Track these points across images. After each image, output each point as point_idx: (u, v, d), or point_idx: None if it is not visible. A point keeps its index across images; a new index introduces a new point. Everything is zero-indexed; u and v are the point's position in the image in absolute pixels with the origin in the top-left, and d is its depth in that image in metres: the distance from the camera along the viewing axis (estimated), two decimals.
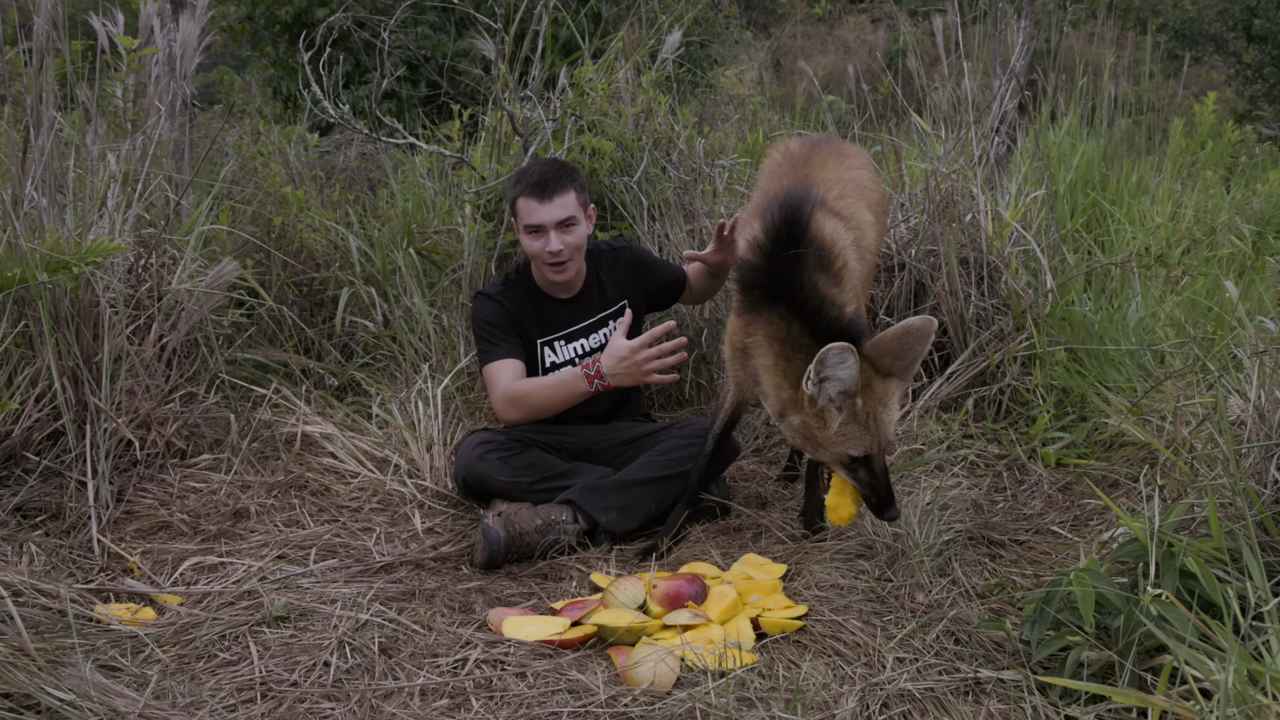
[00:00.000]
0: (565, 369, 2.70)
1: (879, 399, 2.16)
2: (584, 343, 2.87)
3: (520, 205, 2.70)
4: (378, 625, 2.05)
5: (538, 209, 2.66)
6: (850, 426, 2.15)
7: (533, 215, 2.66)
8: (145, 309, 2.94)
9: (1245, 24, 7.81)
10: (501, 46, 3.61)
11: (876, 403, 2.15)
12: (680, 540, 2.58)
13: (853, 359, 2.06)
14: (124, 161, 3.04)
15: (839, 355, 2.06)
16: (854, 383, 2.10)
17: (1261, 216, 4.94)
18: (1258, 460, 1.99)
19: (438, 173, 4.28)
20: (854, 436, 2.15)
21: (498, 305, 2.80)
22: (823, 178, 2.49)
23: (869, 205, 2.70)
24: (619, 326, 2.67)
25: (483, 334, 2.80)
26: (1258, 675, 1.52)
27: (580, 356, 2.86)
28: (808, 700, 1.75)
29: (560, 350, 2.85)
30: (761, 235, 2.27)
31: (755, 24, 12.93)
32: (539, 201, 2.66)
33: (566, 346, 2.85)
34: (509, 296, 2.82)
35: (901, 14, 9.61)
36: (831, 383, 2.11)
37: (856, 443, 2.15)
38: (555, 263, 2.70)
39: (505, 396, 2.70)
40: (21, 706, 1.63)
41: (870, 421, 2.15)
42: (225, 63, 8.78)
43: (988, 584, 2.18)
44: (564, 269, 2.72)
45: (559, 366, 2.83)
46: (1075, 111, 4.68)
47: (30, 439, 2.57)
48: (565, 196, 2.67)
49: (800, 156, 2.66)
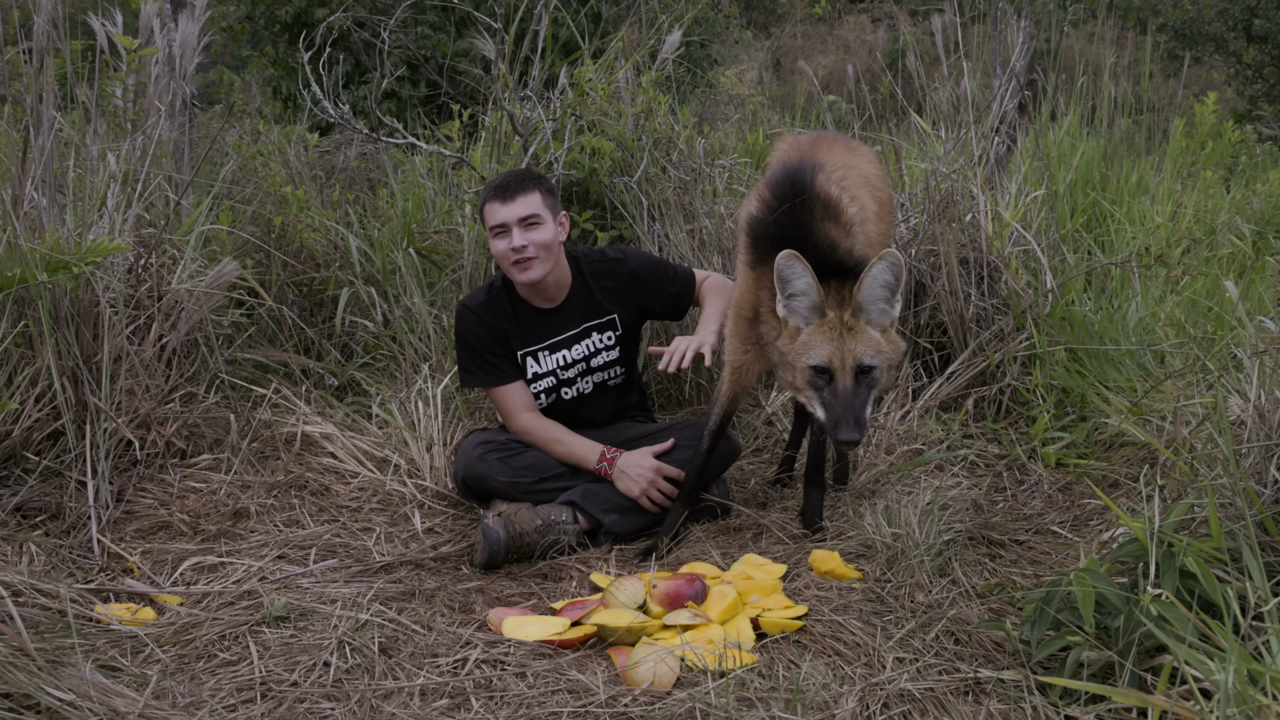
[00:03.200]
0: (587, 445, 2.68)
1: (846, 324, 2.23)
2: (567, 353, 2.80)
3: (486, 211, 2.69)
4: (378, 625, 2.05)
5: (500, 209, 2.66)
6: (814, 336, 2.24)
7: (495, 215, 2.66)
8: (145, 309, 2.94)
9: (1245, 24, 7.81)
10: (501, 46, 3.61)
11: (853, 318, 2.23)
12: (680, 540, 2.58)
13: (801, 265, 2.18)
14: (124, 161, 3.04)
15: (787, 261, 2.19)
16: (815, 292, 2.22)
17: (1261, 216, 4.94)
18: (1258, 460, 1.99)
19: (438, 173, 4.28)
20: (815, 345, 2.23)
21: (478, 320, 2.74)
22: (828, 160, 2.51)
23: (873, 195, 2.73)
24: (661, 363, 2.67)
25: (473, 353, 2.75)
26: (1258, 675, 1.52)
27: (563, 367, 2.80)
28: (808, 700, 1.75)
29: (544, 360, 2.79)
30: (768, 192, 2.36)
31: (755, 24, 12.93)
32: (501, 203, 2.66)
33: (550, 356, 2.79)
34: (490, 309, 2.76)
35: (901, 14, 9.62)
36: (797, 298, 2.24)
37: (818, 351, 2.23)
38: (519, 259, 2.66)
39: (524, 430, 2.74)
40: (21, 706, 1.63)
41: (836, 336, 2.22)
42: (224, 63, 8.78)
43: (988, 584, 2.18)
44: (529, 266, 2.66)
45: (541, 377, 2.78)
46: (1075, 111, 4.68)
47: (30, 439, 2.57)
48: (529, 196, 2.66)
49: (807, 143, 2.70)
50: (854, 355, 2.21)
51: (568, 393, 2.82)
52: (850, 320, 2.23)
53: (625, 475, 2.62)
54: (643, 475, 2.61)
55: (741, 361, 2.53)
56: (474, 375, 2.78)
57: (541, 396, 2.80)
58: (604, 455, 2.65)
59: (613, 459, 2.64)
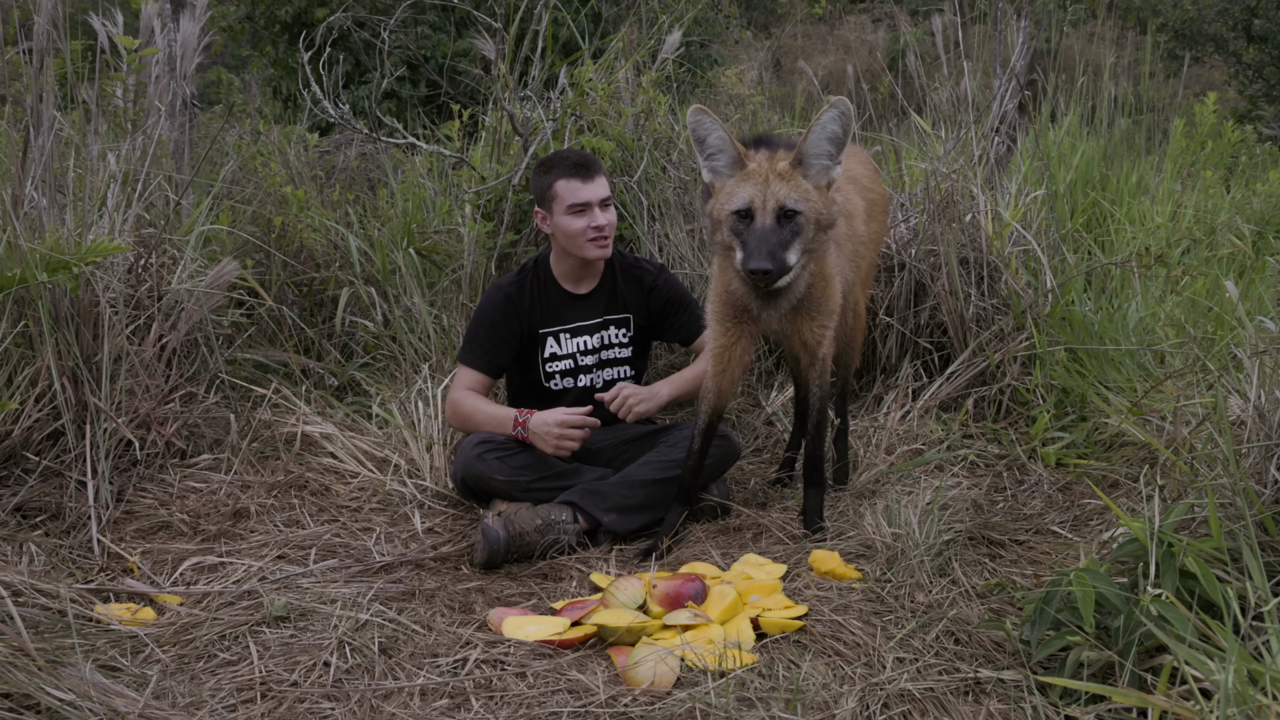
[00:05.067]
0: (504, 411, 2.74)
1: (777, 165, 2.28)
2: (587, 339, 2.88)
3: (561, 187, 2.73)
4: (378, 625, 2.05)
5: (582, 187, 2.72)
6: (738, 185, 2.29)
7: (578, 194, 2.72)
8: (145, 309, 2.94)
9: (1245, 24, 7.81)
10: (501, 46, 3.61)
11: (773, 167, 2.27)
12: (680, 540, 2.58)
13: (710, 119, 2.27)
14: (124, 161, 3.04)
15: (696, 117, 2.29)
16: (728, 144, 2.28)
17: (1261, 216, 4.94)
18: (1258, 460, 1.99)
19: (438, 173, 4.28)
20: (737, 191, 2.28)
21: (503, 297, 2.83)
22: None
23: (861, 193, 2.75)
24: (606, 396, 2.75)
25: (475, 329, 2.84)
26: (1258, 675, 1.52)
27: (581, 353, 2.88)
28: (808, 700, 1.75)
29: (564, 343, 2.87)
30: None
31: (755, 24, 12.92)
32: (582, 181, 2.72)
33: (571, 340, 2.87)
34: (518, 285, 2.85)
35: (901, 14, 9.62)
36: (716, 156, 2.31)
37: (740, 195, 2.26)
38: (598, 238, 2.75)
39: (452, 403, 2.81)
40: (21, 706, 1.64)
41: (761, 180, 2.26)
42: (223, 63, 8.77)
43: (988, 584, 2.18)
44: (606, 244, 2.78)
45: (559, 359, 2.86)
46: (1075, 111, 4.68)
47: (30, 439, 2.57)
48: (602, 177, 2.78)
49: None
50: (776, 197, 2.25)
51: (583, 380, 2.89)
52: (783, 169, 2.27)
53: (536, 436, 2.67)
54: (549, 433, 2.65)
55: (723, 345, 2.53)
56: (468, 350, 2.84)
57: (559, 379, 2.87)
58: (517, 420, 2.69)
59: (525, 421, 2.68)
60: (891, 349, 3.52)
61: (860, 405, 3.42)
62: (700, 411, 2.60)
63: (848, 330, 2.86)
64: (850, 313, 2.82)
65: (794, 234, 2.26)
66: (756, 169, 2.28)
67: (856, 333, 2.96)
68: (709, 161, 2.32)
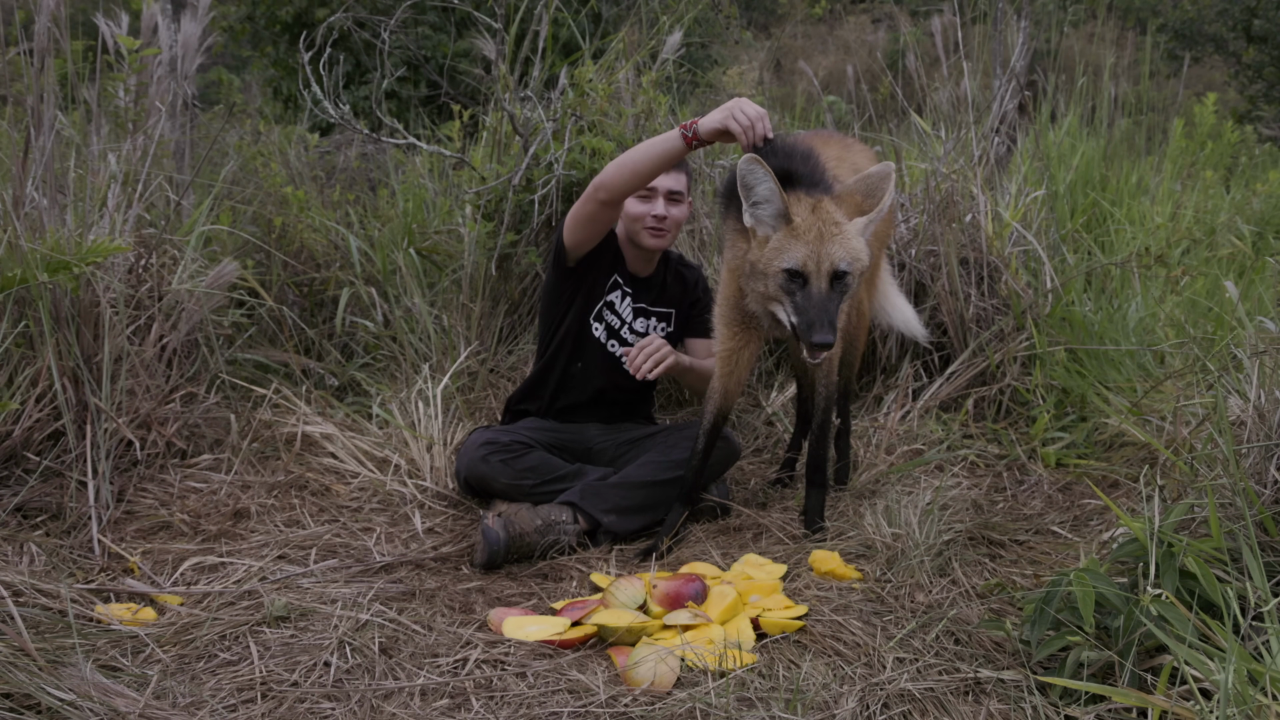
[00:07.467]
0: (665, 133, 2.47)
1: (825, 219, 2.22)
2: (643, 321, 2.90)
3: None
4: (378, 625, 2.05)
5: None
6: (785, 239, 2.23)
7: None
8: (145, 309, 2.94)
9: (1245, 24, 7.82)
10: (502, 46, 3.61)
11: (821, 222, 2.22)
12: (680, 540, 2.58)
13: (761, 168, 2.18)
14: (125, 161, 3.04)
15: (747, 165, 2.20)
16: (777, 196, 2.21)
17: (1261, 216, 4.94)
18: (1258, 460, 1.99)
19: (438, 173, 4.28)
20: (789, 249, 2.21)
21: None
22: (824, 152, 2.52)
23: None
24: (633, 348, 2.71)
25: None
26: (1258, 675, 1.52)
27: (628, 324, 2.88)
28: (808, 700, 1.75)
29: (622, 308, 2.86)
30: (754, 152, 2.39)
31: (755, 24, 12.92)
32: None
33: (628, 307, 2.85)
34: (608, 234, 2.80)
35: (901, 14, 9.62)
36: (761, 206, 2.24)
37: (792, 254, 2.21)
38: (656, 227, 2.75)
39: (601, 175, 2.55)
40: (21, 706, 1.64)
41: (814, 239, 2.20)
42: (224, 63, 8.78)
43: (988, 584, 2.19)
44: (661, 235, 2.77)
45: (614, 312, 2.86)
46: (1075, 111, 4.69)
47: (30, 439, 2.57)
48: (679, 173, 2.76)
49: (804, 137, 2.73)
50: (831, 259, 2.21)
51: (614, 348, 2.88)
52: (830, 224, 2.23)
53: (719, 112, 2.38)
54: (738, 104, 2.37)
55: (730, 349, 2.53)
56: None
57: (599, 329, 2.86)
58: (684, 127, 2.42)
59: (694, 122, 2.41)
60: (892, 349, 3.52)
61: (860, 405, 3.42)
62: (705, 412, 2.60)
63: (851, 330, 2.86)
64: (854, 312, 2.83)
65: (843, 294, 2.25)
66: (804, 225, 2.22)
67: (860, 333, 2.96)
68: (754, 209, 2.25)
